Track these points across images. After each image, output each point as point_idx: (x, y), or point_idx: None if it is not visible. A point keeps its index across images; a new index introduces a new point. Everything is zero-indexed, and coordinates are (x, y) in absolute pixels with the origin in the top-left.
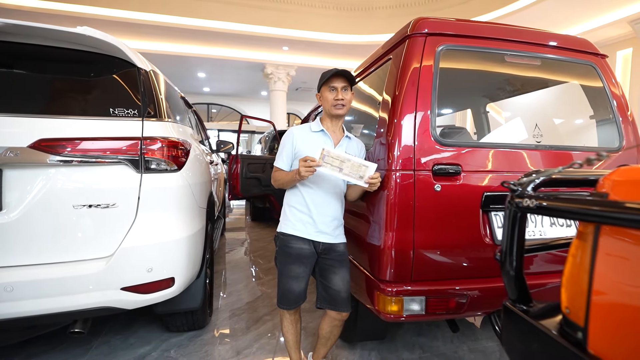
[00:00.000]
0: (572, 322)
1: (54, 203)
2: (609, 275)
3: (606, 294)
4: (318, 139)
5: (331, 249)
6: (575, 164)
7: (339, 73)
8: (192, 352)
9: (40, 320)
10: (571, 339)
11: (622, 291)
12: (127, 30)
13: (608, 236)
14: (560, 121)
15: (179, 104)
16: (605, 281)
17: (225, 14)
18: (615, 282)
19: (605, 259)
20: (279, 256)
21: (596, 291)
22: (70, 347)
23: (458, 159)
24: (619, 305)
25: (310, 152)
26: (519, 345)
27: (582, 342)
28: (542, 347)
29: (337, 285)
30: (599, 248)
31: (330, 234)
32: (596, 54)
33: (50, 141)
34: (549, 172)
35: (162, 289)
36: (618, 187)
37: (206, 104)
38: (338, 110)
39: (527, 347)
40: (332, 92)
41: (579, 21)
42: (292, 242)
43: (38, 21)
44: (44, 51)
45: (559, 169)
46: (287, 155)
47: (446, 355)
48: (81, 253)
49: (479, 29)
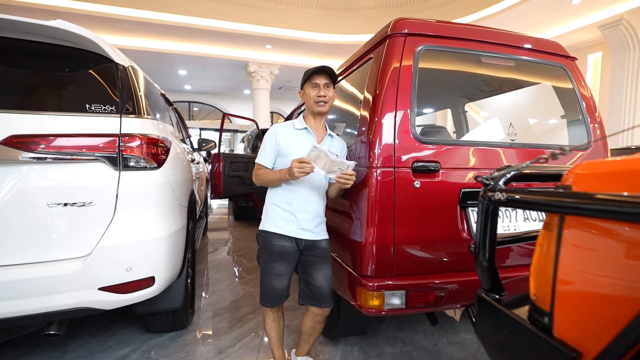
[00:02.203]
0: (540, 308)
1: (27, 202)
2: (572, 262)
3: (569, 280)
4: (301, 137)
5: (313, 245)
6: (542, 159)
7: (321, 70)
8: (173, 352)
9: (14, 322)
10: (538, 324)
11: (584, 278)
12: (105, 25)
13: (571, 226)
14: (534, 120)
15: (159, 101)
16: (569, 268)
17: (207, 11)
18: (577, 269)
19: (569, 248)
20: (262, 254)
21: (560, 278)
22: (46, 351)
23: (437, 156)
24: (581, 292)
25: (294, 150)
26: (491, 333)
27: (549, 327)
28: (512, 333)
29: (319, 281)
30: (563, 237)
31: (312, 230)
32: (566, 57)
33: (23, 137)
34: (518, 167)
35: (141, 289)
36: (580, 179)
37: (187, 102)
38: (320, 107)
39: (499, 334)
40: (315, 89)
41: (552, 25)
42: (275, 240)
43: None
44: (16, 45)
45: (527, 164)
46: (270, 152)
47: (426, 349)
48: (57, 253)
49: (457, 30)
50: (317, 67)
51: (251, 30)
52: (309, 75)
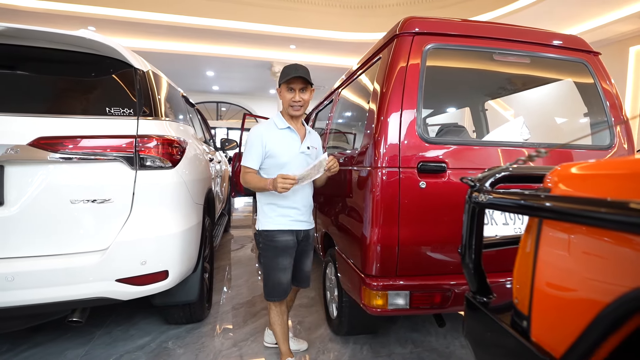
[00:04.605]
0: (519, 312)
1: (52, 198)
2: (548, 266)
3: (545, 284)
4: (285, 136)
5: (307, 234)
6: (520, 160)
7: (296, 75)
8: (189, 343)
9: (39, 309)
10: (518, 328)
11: (559, 282)
12: (137, 30)
13: (548, 229)
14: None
15: (179, 103)
16: (545, 272)
17: (232, 13)
18: (553, 273)
19: (545, 251)
20: (266, 252)
21: (537, 281)
22: (74, 337)
23: (444, 156)
24: (555, 295)
25: (280, 150)
26: (477, 335)
27: (527, 330)
28: (494, 336)
29: (307, 266)
30: (540, 240)
31: (307, 221)
32: (588, 52)
33: (49, 139)
34: (502, 168)
35: (156, 282)
36: (558, 182)
37: (215, 102)
38: (295, 111)
39: (483, 336)
40: (290, 92)
41: (585, 18)
42: (278, 236)
43: (51, 24)
44: (44, 53)
45: (507, 165)
46: (257, 155)
47: (438, 351)
48: (78, 246)
49: (468, 27)
50: (293, 71)
51: (275, 31)
52: (287, 79)
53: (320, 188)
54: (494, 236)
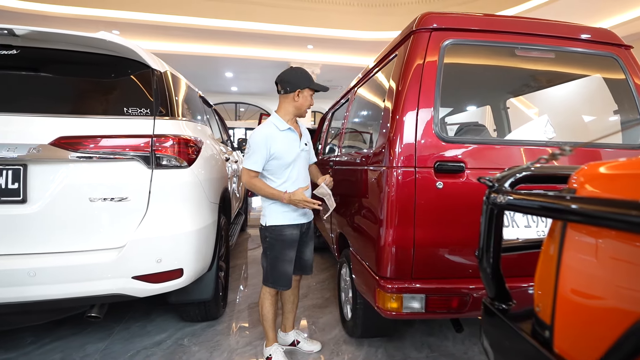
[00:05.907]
0: (541, 321)
1: (72, 196)
2: (573, 273)
3: (570, 292)
4: (288, 137)
5: (309, 226)
6: (542, 159)
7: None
8: (204, 341)
9: (59, 303)
10: (540, 338)
11: (586, 289)
12: (159, 33)
13: (573, 233)
14: (579, 117)
15: (197, 103)
16: (569, 279)
17: (250, 14)
18: (578, 280)
19: (570, 257)
20: (274, 246)
21: (561, 289)
22: (95, 332)
23: (462, 156)
24: (582, 304)
25: (285, 150)
26: (494, 344)
27: (549, 341)
28: (514, 345)
29: (308, 255)
30: (565, 245)
31: (309, 213)
32: (619, 45)
33: (69, 138)
34: (522, 168)
35: (171, 279)
36: (584, 182)
37: (234, 103)
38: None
39: (501, 345)
40: (311, 98)
41: (612, 13)
42: (286, 230)
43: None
44: (65, 55)
45: (528, 165)
46: (262, 158)
47: (455, 356)
48: (96, 243)
49: (488, 22)
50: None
51: (292, 31)
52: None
53: (335, 188)
54: (515, 239)
